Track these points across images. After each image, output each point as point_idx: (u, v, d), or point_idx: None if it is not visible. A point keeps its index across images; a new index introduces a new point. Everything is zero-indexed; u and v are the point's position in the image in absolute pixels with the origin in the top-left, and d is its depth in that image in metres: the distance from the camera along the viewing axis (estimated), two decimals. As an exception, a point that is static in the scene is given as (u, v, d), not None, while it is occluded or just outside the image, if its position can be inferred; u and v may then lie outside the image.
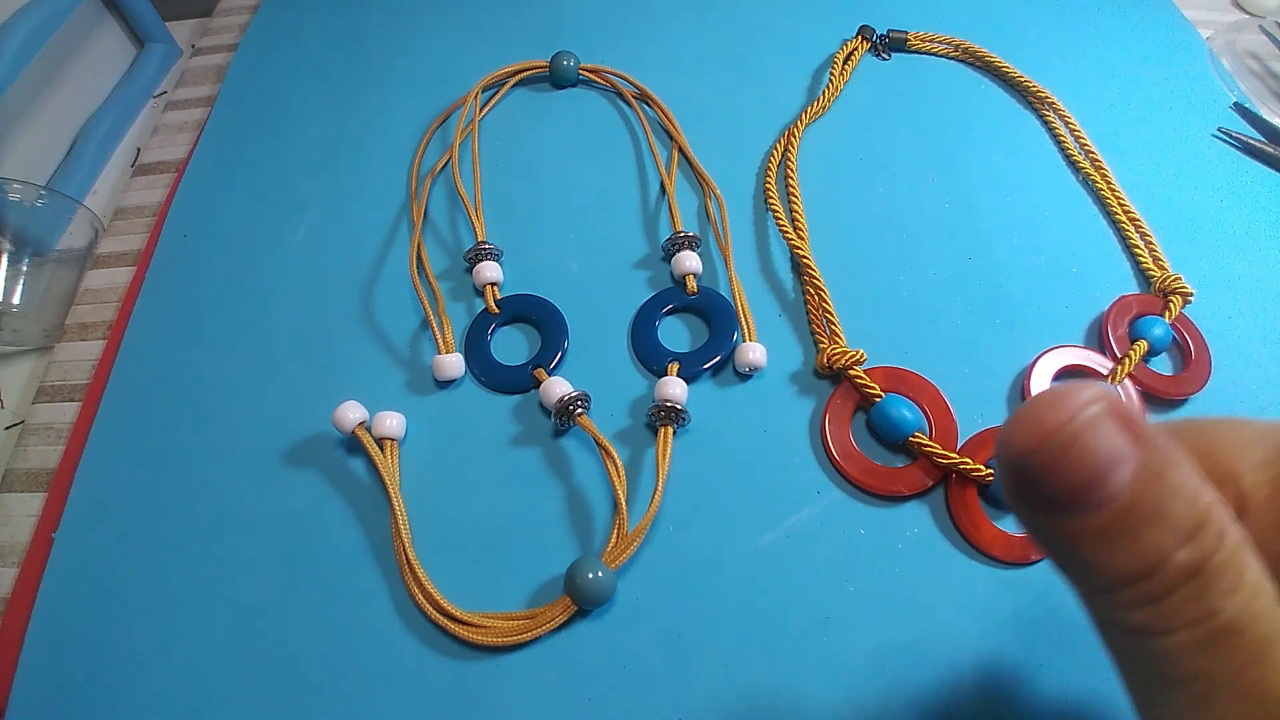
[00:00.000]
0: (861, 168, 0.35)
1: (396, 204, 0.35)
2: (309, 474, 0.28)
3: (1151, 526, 0.11)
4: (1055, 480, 0.11)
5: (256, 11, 0.45)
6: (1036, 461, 0.11)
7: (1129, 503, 0.11)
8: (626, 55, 0.40)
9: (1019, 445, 0.11)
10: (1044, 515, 0.12)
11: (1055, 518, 0.12)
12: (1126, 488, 0.11)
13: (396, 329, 0.31)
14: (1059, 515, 0.12)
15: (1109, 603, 0.12)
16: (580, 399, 0.27)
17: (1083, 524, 0.11)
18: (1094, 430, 0.11)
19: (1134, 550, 0.11)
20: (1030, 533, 0.13)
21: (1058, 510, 0.12)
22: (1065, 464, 0.11)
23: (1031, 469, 0.11)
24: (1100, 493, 0.11)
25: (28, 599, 0.26)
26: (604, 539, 0.26)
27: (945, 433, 0.27)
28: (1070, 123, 0.36)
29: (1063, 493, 0.11)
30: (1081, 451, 0.11)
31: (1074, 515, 0.11)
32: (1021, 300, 0.31)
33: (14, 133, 0.38)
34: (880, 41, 0.40)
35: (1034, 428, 0.11)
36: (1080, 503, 0.11)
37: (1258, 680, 0.11)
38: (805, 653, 0.24)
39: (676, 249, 0.31)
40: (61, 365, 0.33)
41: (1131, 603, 0.12)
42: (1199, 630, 0.11)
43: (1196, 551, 0.11)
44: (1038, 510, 0.12)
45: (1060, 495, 0.11)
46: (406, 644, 0.24)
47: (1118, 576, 0.12)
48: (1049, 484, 0.11)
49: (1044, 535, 0.12)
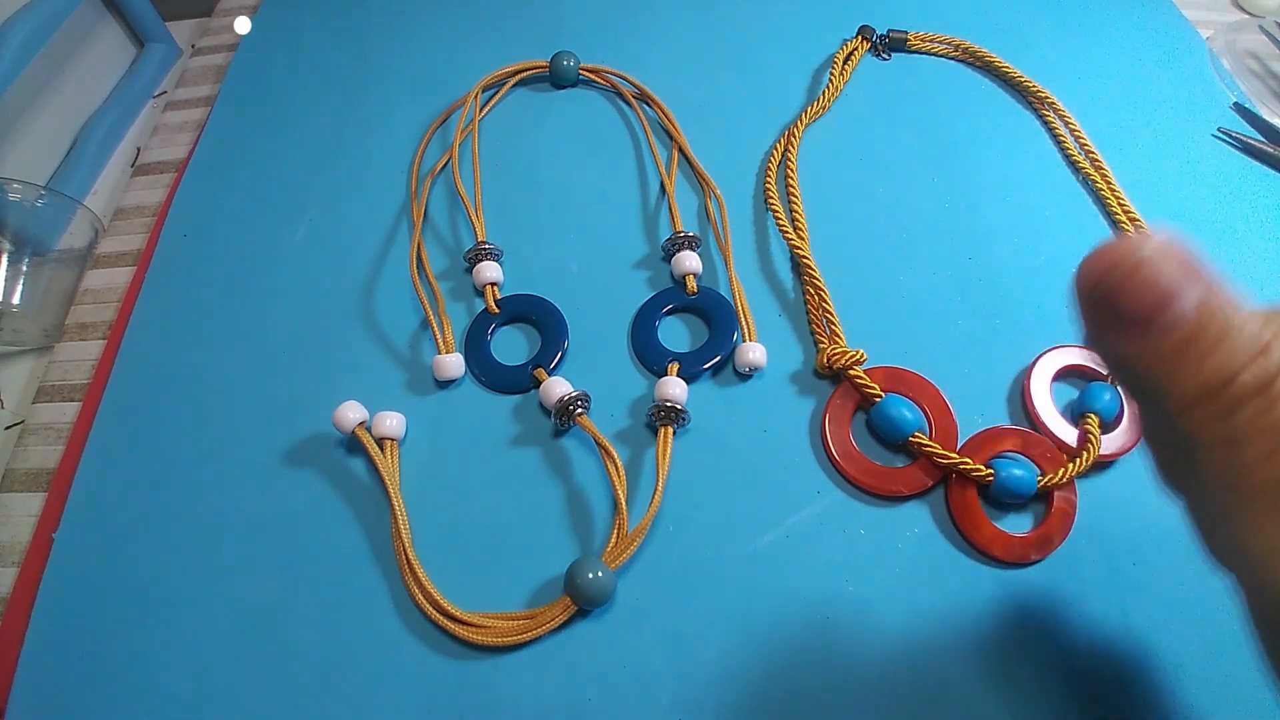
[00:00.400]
0: (861, 168, 0.35)
1: (396, 204, 0.35)
2: (309, 474, 0.28)
3: (1220, 347, 0.13)
4: (1127, 299, 0.13)
5: (256, 11, 0.45)
6: (1110, 283, 0.13)
7: (1197, 325, 0.13)
8: (626, 55, 0.40)
9: (1095, 271, 0.13)
10: (1122, 337, 0.13)
11: (1131, 339, 0.13)
12: (1193, 311, 0.13)
13: (396, 329, 0.31)
14: (1135, 335, 0.13)
15: (1188, 422, 0.13)
16: (580, 399, 0.27)
17: (1157, 345, 0.13)
18: (1158, 258, 0.13)
19: (1206, 367, 0.13)
20: (1112, 365, 0.14)
21: (1133, 329, 0.13)
22: (1135, 284, 0.13)
23: (1107, 291, 0.13)
24: (1170, 313, 0.13)
25: (28, 599, 0.26)
26: (604, 539, 0.26)
27: (945, 433, 0.27)
28: (1070, 123, 0.36)
29: (1136, 311, 0.13)
30: (1149, 273, 0.13)
31: (1148, 337, 0.13)
32: (1021, 300, 0.31)
33: (14, 133, 0.38)
34: (880, 41, 0.40)
35: (1105, 255, 0.13)
36: (1153, 322, 0.13)
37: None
38: (805, 653, 0.24)
39: (676, 249, 0.31)
40: (61, 365, 0.33)
41: (1208, 418, 0.13)
42: (1272, 439, 0.12)
43: (1264, 369, 0.12)
44: (1116, 331, 0.13)
45: (1134, 313, 0.13)
46: (406, 644, 0.24)
47: (1195, 391, 0.13)
48: (1122, 303, 0.13)
49: (1124, 360, 0.14)
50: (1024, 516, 0.26)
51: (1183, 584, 0.24)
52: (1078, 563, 0.25)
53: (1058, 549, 0.25)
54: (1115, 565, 0.25)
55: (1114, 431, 0.27)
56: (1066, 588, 0.24)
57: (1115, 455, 0.26)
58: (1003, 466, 0.25)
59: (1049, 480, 0.25)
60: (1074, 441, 0.26)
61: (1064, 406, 0.28)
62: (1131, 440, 0.27)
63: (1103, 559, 0.25)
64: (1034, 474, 0.25)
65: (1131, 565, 0.25)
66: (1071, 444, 0.26)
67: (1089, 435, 0.26)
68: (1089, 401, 0.27)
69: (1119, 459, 0.27)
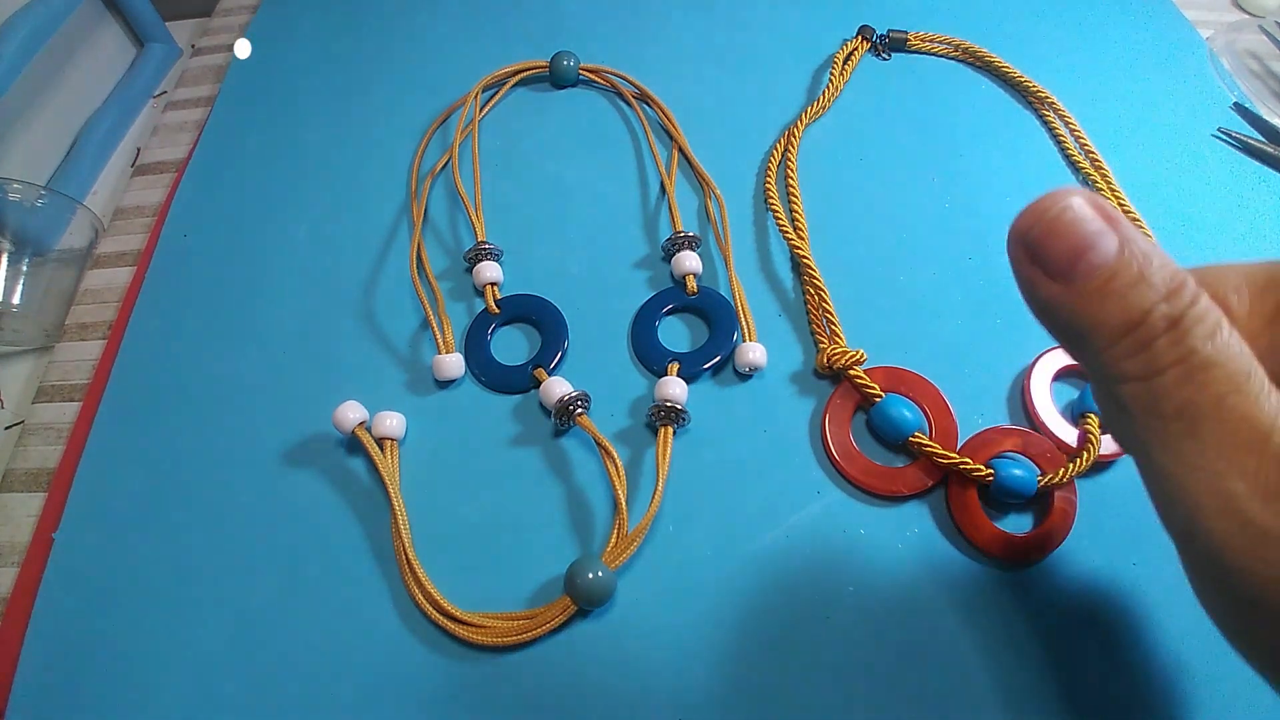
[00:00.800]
0: (861, 168, 0.35)
1: (396, 204, 0.35)
2: (309, 474, 0.28)
3: (1135, 289, 0.14)
4: (1052, 245, 0.15)
5: (256, 11, 0.45)
6: (1036, 233, 0.15)
7: (1115, 268, 0.14)
8: (626, 55, 0.40)
9: (1022, 224, 0.15)
10: (1048, 283, 0.15)
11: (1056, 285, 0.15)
12: (1112, 256, 0.14)
13: (396, 329, 0.31)
14: (1060, 281, 0.15)
15: (1108, 358, 0.14)
16: (580, 399, 0.27)
17: (1080, 289, 0.14)
18: (1078, 209, 0.14)
19: (1123, 306, 0.14)
20: (1039, 310, 0.16)
21: (1058, 275, 0.15)
22: (1058, 231, 0.14)
23: (1033, 240, 0.15)
24: (1089, 259, 0.14)
25: (28, 599, 0.26)
26: (604, 539, 0.26)
27: (945, 433, 0.27)
28: (1070, 123, 0.36)
29: (1060, 256, 0.14)
30: (1070, 222, 0.14)
31: (1071, 282, 0.14)
32: (1021, 300, 0.31)
33: (14, 133, 0.38)
34: (880, 41, 0.40)
35: (1031, 209, 0.15)
36: (1075, 267, 0.14)
37: (1236, 405, 0.13)
38: (805, 653, 0.24)
39: (676, 249, 0.31)
40: (61, 365, 0.33)
41: (1125, 353, 0.14)
42: (1183, 367, 0.14)
43: (1174, 306, 0.14)
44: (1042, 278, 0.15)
45: (1058, 258, 0.14)
46: (406, 644, 0.24)
47: (1112, 330, 0.14)
48: (1048, 248, 0.15)
49: (1050, 305, 0.15)
50: (1024, 516, 0.26)
51: (1183, 584, 0.24)
52: (1078, 563, 0.25)
53: (1058, 549, 0.25)
54: (1115, 565, 0.25)
55: (1114, 431, 0.27)
56: (1066, 588, 0.24)
57: (1115, 455, 0.26)
58: (1003, 466, 0.25)
59: (1049, 480, 0.25)
60: (1074, 441, 0.26)
61: (1064, 406, 0.28)
62: (1131, 440, 0.27)
63: (1103, 559, 0.25)
64: (1034, 474, 0.25)
65: (1131, 565, 0.25)
66: (1071, 444, 0.26)
67: (1089, 435, 0.26)
68: (1089, 401, 0.27)
69: (1119, 459, 0.27)
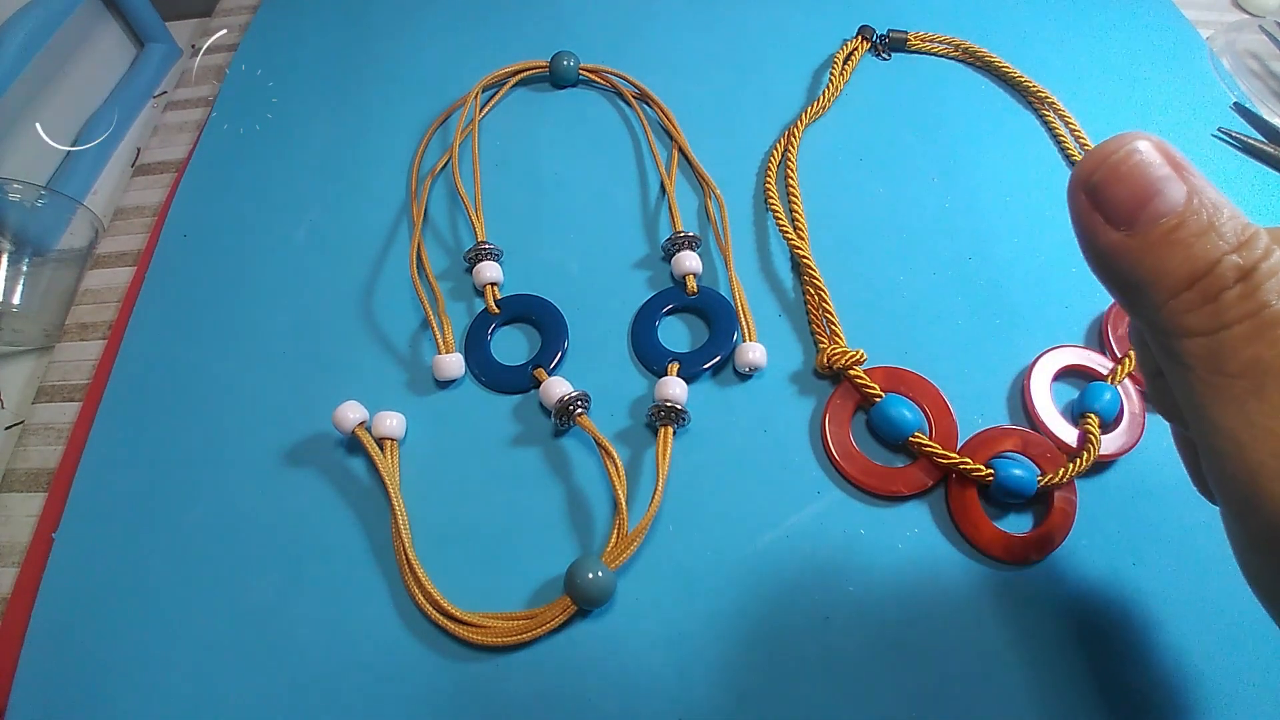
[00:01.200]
0: (861, 168, 0.35)
1: (396, 204, 0.35)
2: (309, 474, 0.28)
3: (1203, 238, 0.13)
4: (1115, 190, 0.14)
5: (256, 11, 0.45)
6: (1100, 178, 0.14)
7: (1182, 216, 0.13)
8: (626, 55, 0.40)
9: (1085, 168, 0.14)
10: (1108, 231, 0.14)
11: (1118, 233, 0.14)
12: (1179, 203, 0.13)
13: (396, 329, 0.31)
14: (1122, 228, 0.14)
15: (1171, 311, 0.14)
16: (580, 399, 0.27)
17: (1143, 237, 0.14)
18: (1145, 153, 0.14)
19: (1188, 256, 0.13)
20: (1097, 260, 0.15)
21: (1121, 222, 0.14)
22: (1123, 176, 0.14)
23: (1095, 184, 0.14)
24: (1155, 205, 0.13)
25: (28, 599, 0.26)
26: (604, 539, 0.26)
27: (945, 433, 0.27)
28: (1070, 123, 0.36)
29: (1123, 202, 0.14)
30: (1136, 166, 0.14)
31: (1135, 229, 0.14)
32: (1021, 300, 0.31)
33: (14, 133, 0.38)
34: (880, 41, 0.40)
35: (1095, 153, 0.14)
36: (1139, 214, 0.14)
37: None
38: (805, 653, 0.24)
39: (676, 249, 0.31)
40: (61, 365, 0.33)
41: (1188, 306, 0.13)
42: (1252, 323, 0.13)
43: (1246, 258, 0.13)
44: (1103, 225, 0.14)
45: (1121, 204, 0.14)
46: (406, 644, 0.24)
47: (1176, 281, 0.13)
48: (1111, 193, 0.14)
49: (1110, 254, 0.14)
50: (1024, 516, 0.26)
51: (1183, 584, 0.24)
52: (1078, 563, 0.25)
53: (1058, 549, 0.25)
54: (1115, 565, 0.25)
55: (1114, 431, 0.27)
56: (1066, 588, 0.24)
57: (1115, 455, 0.26)
58: (1003, 466, 0.25)
59: (1049, 480, 0.25)
60: (1074, 441, 0.26)
61: (1064, 406, 0.28)
62: (1131, 440, 0.27)
63: (1103, 559, 0.25)
64: (1034, 474, 0.25)
65: (1131, 565, 0.25)
66: (1071, 444, 0.26)
67: (1089, 435, 0.26)
68: (1089, 401, 0.27)
69: (1119, 459, 0.27)
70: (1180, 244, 0.13)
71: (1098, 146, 0.14)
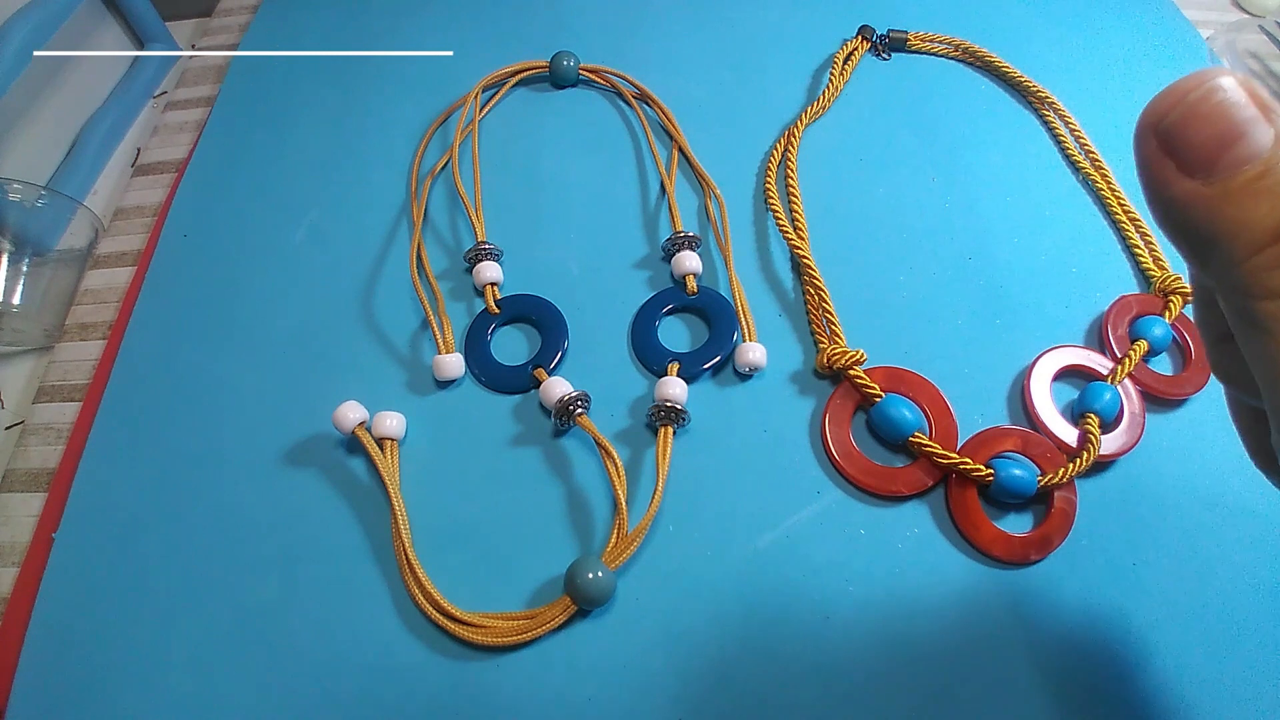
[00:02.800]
0: (861, 168, 0.35)
1: (396, 204, 0.35)
2: (309, 474, 0.28)
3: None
4: (1193, 132, 0.12)
5: (256, 11, 0.45)
6: (1175, 119, 0.12)
7: (1269, 164, 0.12)
8: (626, 55, 0.40)
9: (1158, 107, 0.12)
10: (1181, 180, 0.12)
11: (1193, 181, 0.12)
12: (1266, 149, 0.12)
13: (396, 329, 0.31)
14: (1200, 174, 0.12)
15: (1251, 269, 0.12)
16: (580, 399, 0.27)
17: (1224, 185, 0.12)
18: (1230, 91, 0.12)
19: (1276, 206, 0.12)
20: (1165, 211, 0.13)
21: (1198, 169, 0.12)
22: (1203, 116, 0.12)
23: (1169, 125, 0.12)
24: (1238, 150, 0.12)
25: (28, 599, 0.26)
26: (604, 539, 0.26)
27: (945, 433, 0.27)
28: (1070, 123, 0.36)
29: (1202, 146, 0.12)
30: (1218, 105, 0.12)
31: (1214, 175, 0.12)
32: (1021, 300, 0.31)
33: (14, 133, 0.38)
34: (880, 41, 0.40)
35: (1170, 90, 0.12)
36: (1219, 159, 0.12)
37: None
38: (805, 653, 0.24)
39: (676, 249, 0.31)
40: (61, 365, 0.33)
41: (1270, 264, 0.12)
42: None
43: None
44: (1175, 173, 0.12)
45: (1200, 148, 0.12)
46: (406, 644, 0.24)
47: (1258, 236, 0.12)
48: (1190, 135, 0.12)
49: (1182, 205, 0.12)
50: (1024, 516, 0.26)
51: (1183, 584, 0.24)
52: (1078, 563, 0.25)
53: (1058, 549, 0.25)
54: (1115, 565, 0.25)
55: (1114, 431, 0.27)
56: (1066, 588, 0.24)
57: (1115, 455, 0.26)
58: (1003, 466, 0.25)
59: (1049, 480, 0.25)
60: (1074, 441, 0.26)
61: (1064, 406, 0.28)
62: (1131, 440, 0.27)
63: (1103, 559, 0.25)
64: (1034, 474, 0.25)
65: (1131, 565, 0.25)
66: (1071, 444, 0.26)
67: (1089, 435, 0.26)
68: (1089, 401, 0.27)
69: (1119, 459, 0.27)
70: (1266, 193, 0.12)
71: (1172, 84, 0.12)
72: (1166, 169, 0.12)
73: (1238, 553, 0.25)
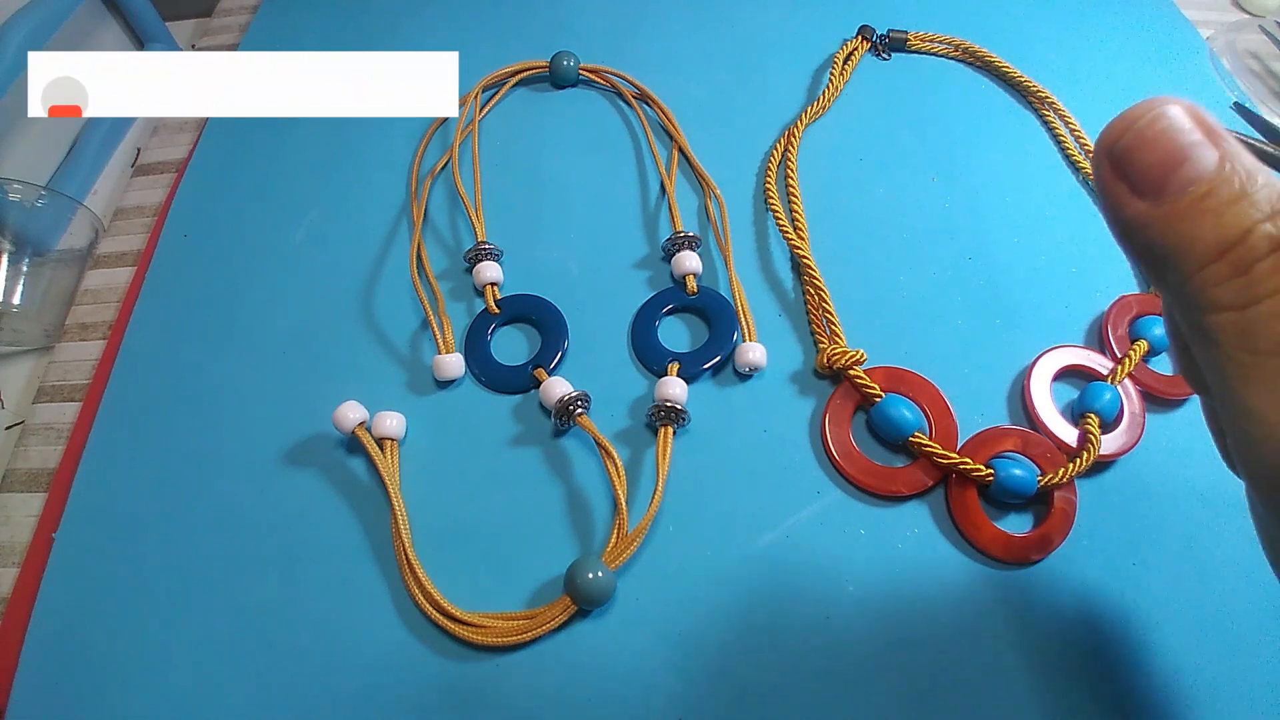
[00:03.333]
0: (861, 168, 0.35)
1: (396, 204, 0.35)
2: (309, 474, 0.28)
3: (1236, 205, 0.12)
4: (1141, 157, 0.13)
5: (256, 11, 0.45)
6: (1125, 144, 0.13)
7: (1212, 184, 0.12)
8: (626, 55, 0.40)
9: (1110, 134, 0.13)
10: (1134, 201, 0.13)
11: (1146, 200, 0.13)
12: (1210, 171, 0.12)
13: (396, 329, 0.31)
14: (1150, 195, 0.13)
15: (1199, 284, 0.13)
16: (580, 399, 0.27)
17: (1173, 204, 0.13)
18: (1174, 118, 0.13)
19: (1217, 224, 0.12)
20: (1122, 232, 0.14)
21: (1147, 191, 0.13)
22: (1152, 141, 0.13)
23: (1124, 150, 0.13)
24: (1183, 173, 0.13)
25: (28, 599, 0.26)
26: (604, 539, 0.26)
27: (945, 433, 0.27)
28: (1070, 123, 0.36)
29: (1149, 170, 0.13)
30: (1163, 132, 0.13)
31: (1163, 195, 0.13)
32: (1021, 300, 0.31)
33: (14, 133, 0.38)
34: (880, 41, 0.40)
35: (1122, 118, 0.13)
36: (1166, 182, 0.13)
37: None
38: (805, 652, 0.24)
39: (676, 249, 0.31)
40: (61, 365, 0.33)
41: (1217, 278, 0.12)
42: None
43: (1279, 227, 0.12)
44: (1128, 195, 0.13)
45: (1147, 172, 0.13)
46: (406, 644, 0.24)
47: (1204, 252, 0.12)
48: (1139, 160, 0.13)
49: (1138, 225, 0.13)
50: (1024, 516, 0.26)
51: (1183, 584, 0.24)
52: (1078, 563, 0.25)
53: (1058, 549, 0.25)
54: (1115, 565, 0.25)
55: (1114, 431, 0.27)
56: (1066, 588, 0.24)
57: (1115, 455, 0.26)
58: (1003, 466, 0.25)
59: (1049, 480, 0.25)
60: (1074, 441, 0.26)
61: (1064, 406, 0.28)
62: (1131, 440, 0.27)
63: (1103, 559, 0.25)
64: (1034, 474, 0.25)
65: (1131, 565, 0.25)
66: (1071, 444, 0.26)
67: (1089, 435, 0.26)
68: (1089, 401, 0.27)
69: (1119, 459, 0.27)
70: (1210, 212, 0.12)
71: (1125, 111, 0.13)
72: (1120, 191, 0.13)
73: (1238, 553, 0.25)
